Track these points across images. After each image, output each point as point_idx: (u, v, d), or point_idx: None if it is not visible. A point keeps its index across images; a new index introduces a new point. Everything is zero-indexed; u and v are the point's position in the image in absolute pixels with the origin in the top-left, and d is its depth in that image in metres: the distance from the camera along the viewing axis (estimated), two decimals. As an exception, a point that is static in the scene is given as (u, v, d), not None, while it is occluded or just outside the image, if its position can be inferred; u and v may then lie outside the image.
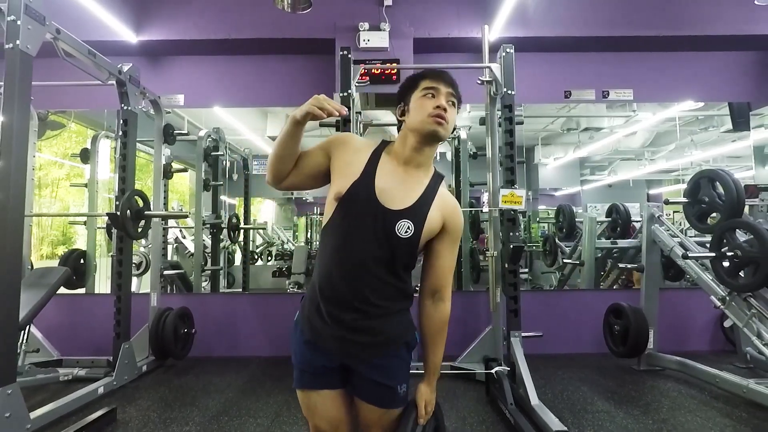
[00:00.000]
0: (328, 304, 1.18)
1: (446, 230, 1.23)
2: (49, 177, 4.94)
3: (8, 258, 2.18)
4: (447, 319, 1.26)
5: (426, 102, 1.19)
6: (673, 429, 2.40)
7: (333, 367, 1.22)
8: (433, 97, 1.20)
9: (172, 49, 4.09)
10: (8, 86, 2.23)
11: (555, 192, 5.03)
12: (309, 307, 1.23)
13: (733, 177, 2.87)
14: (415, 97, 1.22)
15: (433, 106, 1.18)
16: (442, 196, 1.23)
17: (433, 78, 1.22)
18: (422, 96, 1.21)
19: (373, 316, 1.17)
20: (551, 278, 4.76)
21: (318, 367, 1.22)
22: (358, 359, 1.20)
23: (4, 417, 2.12)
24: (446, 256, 1.24)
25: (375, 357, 1.19)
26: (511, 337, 2.90)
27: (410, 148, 1.22)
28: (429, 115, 1.17)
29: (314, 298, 1.22)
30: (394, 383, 1.21)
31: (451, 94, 1.22)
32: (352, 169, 1.19)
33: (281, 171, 1.24)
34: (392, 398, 1.22)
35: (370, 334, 1.18)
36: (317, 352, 1.21)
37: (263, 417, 2.61)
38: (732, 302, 2.79)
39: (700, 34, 3.90)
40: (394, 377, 1.22)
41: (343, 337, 1.17)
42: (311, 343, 1.22)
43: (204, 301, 4.07)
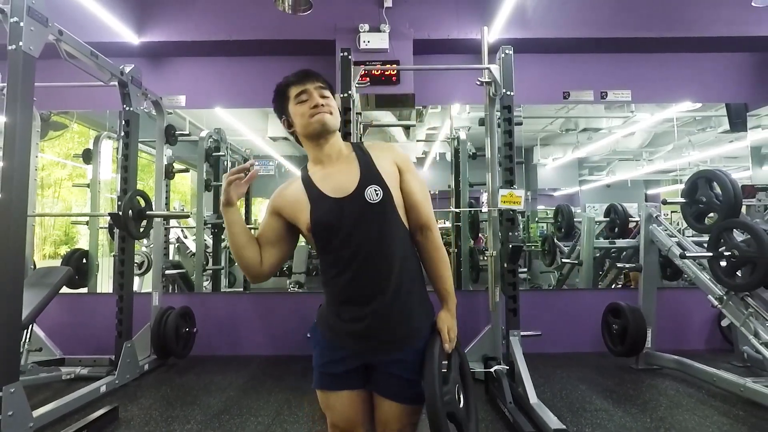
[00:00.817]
0: (347, 304, 1.21)
1: (401, 168, 1.27)
2: (52, 177, 4.93)
3: (11, 257, 2.19)
4: (440, 244, 1.29)
5: (302, 108, 1.25)
6: (670, 427, 2.40)
7: (353, 368, 1.24)
8: (306, 101, 1.25)
9: (174, 50, 4.10)
10: (11, 87, 2.23)
11: (554, 192, 5.04)
12: (328, 311, 1.27)
13: (731, 177, 2.88)
14: (292, 108, 1.28)
15: (309, 107, 1.24)
16: (372, 149, 1.29)
17: (297, 82, 1.27)
18: (297, 104, 1.26)
19: (392, 303, 1.19)
20: (550, 278, 4.77)
21: (339, 369, 1.24)
22: (379, 355, 1.22)
23: (8, 415, 2.13)
24: (416, 190, 1.27)
25: (396, 351, 1.21)
26: (510, 336, 2.91)
27: (318, 150, 1.27)
28: (309, 116, 1.23)
29: (332, 301, 1.26)
30: (416, 377, 1.21)
31: (320, 87, 1.27)
32: (300, 204, 1.23)
33: (254, 261, 1.26)
34: (414, 393, 1.22)
35: (391, 327, 1.20)
36: (338, 354, 1.24)
37: (264, 415, 2.61)
38: (729, 301, 2.80)
39: (698, 35, 3.90)
40: (415, 371, 1.22)
41: (364, 333, 1.20)
42: (331, 345, 1.25)
43: (205, 300, 4.08)
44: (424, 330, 1.26)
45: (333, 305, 1.25)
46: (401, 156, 1.30)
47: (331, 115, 1.25)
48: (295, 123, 1.29)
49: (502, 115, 3.03)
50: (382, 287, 1.19)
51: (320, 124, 1.23)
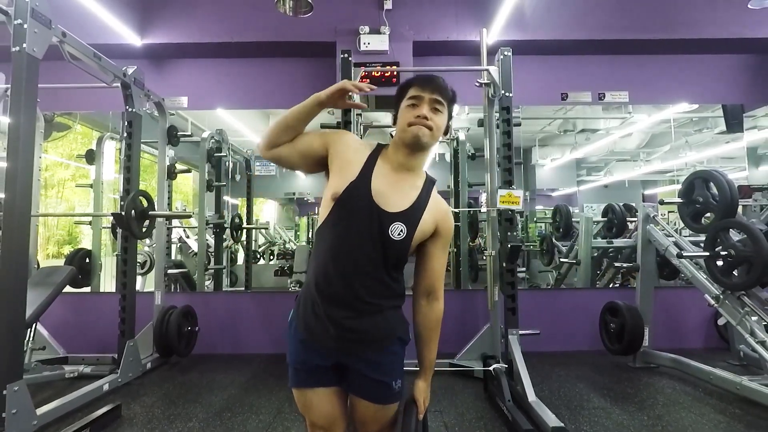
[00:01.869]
0: (323, 302, 1.19)
1: (439, 233, 1.25)
2: (55, 178, 4.93)
3: (15, 257, 2.20)
4: (441, 317, 1.29)
5: (408, 112, 1.21)
6: (667, 425, 2.41)
7: (328, 365, 1.22)
8: (415, 107, 1.20)
9: (176, 52, 4.11)
10: (15, 88, 2.24)
11: (552, 192, 5.05)
12: (304, 306, 1.24)
13: (727, 178, 2.90)
14: (402, 106, 1.24)
15: (413, 116, 1.19)
16: (435, 200, 1.26)
17: (419, 85, 1.22)
18: (407, 106, 1.22)
19: (365, 314, 1.19)
20: (548, 277, 4.78)
21: (313, 365, 1.23)
22: (352, 356, 1.21)
23: (12, 413, 2.14)
24: (439, 258, 1.27)
25: (368, 352, 1.21)
26: (509, 335, 2.92)
27: (401, 154, 1.24)
28: (408, 124, 1.20)
29: (309, 296, 1.23)
30: (388, 379, 1.23)
31: (436, 100, 1.21)
32: (351, 168, 1.20)
33: (278, 139, 1.25)
34: (387, 394, 1.24)
35: (363, 331, 1.19)
36: (312, 351, 1.22)
37: (265, 413, 2.63)
38: (726, 301, 2.82)
39: (695, 37, 3.92)
40: (389, 373, 1.23)
41: (337, 334, 1.18)
42: (306, 341, 1.23)
43: (207, 299, 4.10)
44: (400, 331, 1.26)
45: (312, 294, 1.22)
46: (448, 225, 1.28)
47: (430, 131, 1.20)
48: (398, 121, 1.25)
49: (500, 116, 3.04)
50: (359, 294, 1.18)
51: (414, 137, 1.19)
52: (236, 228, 4.69)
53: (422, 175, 1.28)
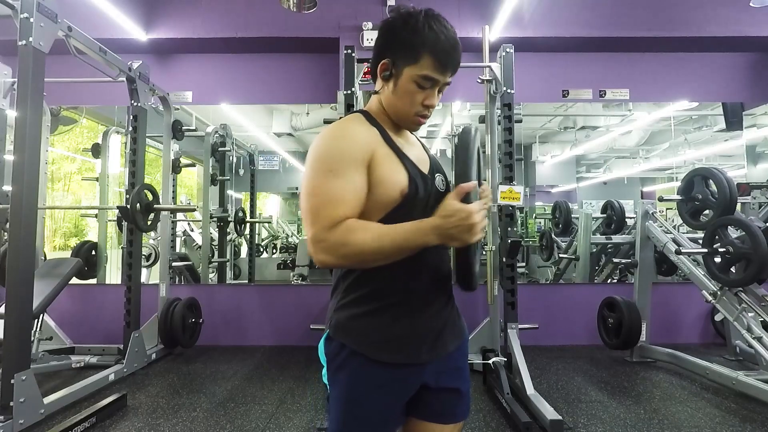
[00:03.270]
0: (414, 304, 0.95)
1: None
2: (62, 171, 4.93)
3: (22, 249, 2.23)
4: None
5: (417, 95, 0.95)
6: (664, 419, 2.42)
7: (409, 397, 0.96)
8: (425, 91, 0.95)
9: (181, 47, 4.12)
10: (22, 82, 2.25)
11: (552, 189, 5.03)
12: (384, 324, 0.93)
13: (726, 175, 2.91)
14: (407, 76, 0.94)
15: (421, 102, 0.96)
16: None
17: (440, 64, 0.92)
18: (415, 83, 0.94)
19: (452, 305, 1.02)
20: (547, 272, 4.77)
21: (400, 403, 0.95)
22: (440, 362, 0.98)
23: (19, 402, 2.18)
24: None
25: (455, 354, 1.00)
26: (508, 329, 2.94)
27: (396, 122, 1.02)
28: (414, 114, 0.98)
29: (388, 308, 0.94)
30: (467, 387, 1.04)
31: (447, 83, 0.98)
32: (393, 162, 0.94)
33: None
34: (466, 406, 1.03)
35: (452, 325, 1.01)
36: (399, 384, 0.93)
37: (268, 404, 2.65)
38: (723, 297, 2.82)
39: (695, 35, 3.91)
40: (467, 379, 1.04)
41: (433, 335, 0.96)
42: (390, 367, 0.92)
43: (211, 291, 4.11)
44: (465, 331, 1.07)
45: (398, 301, 0.94)
46: None
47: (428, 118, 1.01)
48: (395, 90, 0.96)
49: (502, 112, 3.05)
50: (446, 279, 1.00)
51: (413, 127, 1.03)
52: (240, 222, 4.70)
53: None
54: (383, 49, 0.98)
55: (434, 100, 0.97)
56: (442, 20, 0.94)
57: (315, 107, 4.44)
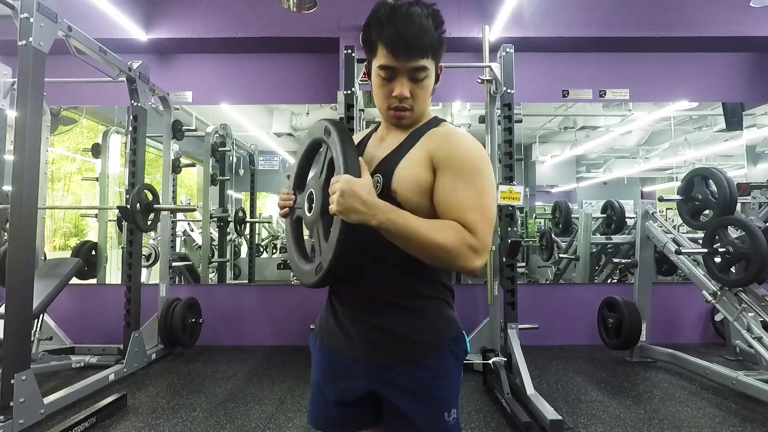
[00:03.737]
0: (341, 304, 0.99)
1: (438, 164, 0.90)
2: (62, 171, 4.92)
3: (22, 249, 2.22)
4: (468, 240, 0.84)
5: (384, 88, 0.93)
6: (664, 419, 2.42)
7: (360, 395, 0.96)
8: (388, 82, 0.92)
9: (181, 46, 4.11)
10: (22, 82, 2.25)
11: (552, 189, 5.01)
12: (323, 311, 1.06)
13: (726, 175, 2.91)
14: (374, 71, 0.94)
15: (390, 94, 0.92)
16: (430, 133, 0.95)
17: (389, 49, 0.88)
18: (378, 76, 0.93)
19: (383, 314, 0.94)
20: (547, 272, 4.76)
21: (339, 392, 0.98)
22: (383, 375, 0.94)
23: (19, 402, 2.18)
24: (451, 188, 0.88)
25: (404, 368, 0.93)
26: (508, 329, 2.94)
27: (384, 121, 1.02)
28: (388, 108, 0.94)
29: (328, 300, 1.04)
30: (433, 408, 0.92)
31: (414, 69, 0.90)
32: None
33: None
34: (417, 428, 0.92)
35: (384, 333, 0.94)
36: (338, 367, 0.98)
37: (268, 404, 2.64)
38: (723, 297, 2.82)
39: (696, 35, 3.91)
40: (433, 399, 0.92)
41: (360, 336, 0.95)
42: (329, 350, 1.00)
43: (211, 291, 4.10)
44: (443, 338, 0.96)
45: (329, 305, 1.05)
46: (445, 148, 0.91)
47: (411, 112, 0.94)
48: (372, 89, 0.97)
49: (502, 112, 3.04)
50: (370, 290, 0.95)
51: (396, 122, 0.97)
52: (240, 222, 4.69)
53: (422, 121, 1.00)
54: (364, 49, 0.98)
55: (403, 89, 0.91)
56: (398, 7, 0.89)
57: (315, 107, 4.43)
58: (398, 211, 0.85)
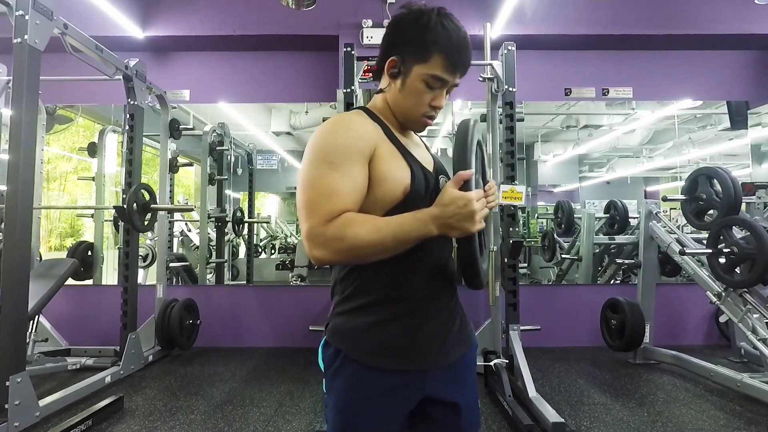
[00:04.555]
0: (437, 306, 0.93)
1: None
2: (58, 170, 4.91)
3: (17, 249, 2.21)
4: None
5: (425, 95, 0.92)
6: (667, 421, 2.41)
7: (410, 408, 0.91)
8: (434, 91, 0.92)
9: (178, 44, 4.10)
10: (17, 81, 2.23)
11: (554, 188, 5.01)
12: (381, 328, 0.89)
13: (731, 175, 2.90)
14: (416, 75, 0.91)
15: (429, 102, 0.93)
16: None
17: (451, 65, 0.90)
18: (424, 83, 0.91)
19: (456, 309, 0.98)
20: (549, 273, 4.75)
21: (400, 414, 0.90)
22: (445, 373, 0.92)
23: (14, 404, 2.16)
24: None
25: (461, 364, 0.95)
26: (510, 331, 2.92)
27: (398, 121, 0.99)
28: (421, 115, 0.95)
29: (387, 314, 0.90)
30: (470, 400, 0.96)
31: (456, 85, 0.96)
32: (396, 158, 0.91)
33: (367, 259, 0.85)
34: (472, 420, 0.96)
35: (457, 330, 0.96)
36: (399, 391, 0.88)
37: (266, 406, 2.63)
38: (728, 298, 2.80)
39: (700, 33, 3.90)
40: (472, 391, 0.98)
41: (438, 337, 0.91)
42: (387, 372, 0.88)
43: (209, 292, 4.10)
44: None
45: (396, 299, 0.90)
46: None
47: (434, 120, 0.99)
48: (403, 88, 0.93)
49: (503, 111, 3.03)
50: (449, 280, 0.96)
51: (419, 128, 0.99)
52: (238, 222, 4.68)
53: None
54: (392, 45, 0.94)
55: (442, 101, 0.94)
56: (455, 19, 0.91)
57: (314, 106, 4.42)
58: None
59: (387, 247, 0.80)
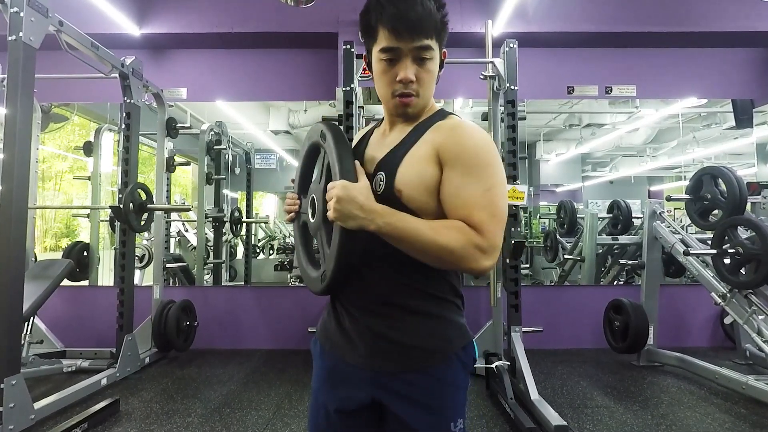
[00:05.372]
0: (345, 308, 0.96)
1: (445, 159, 0.86)
2: (53, 170, 4.94)
3: (12, 250, 2.21)
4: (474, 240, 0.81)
5: (387, 74, 0.90)
6: (672, 424, 2.41)
7: (362, 405, 0.92)
8: (393, 64, 0.89)
9: (175, 42, 4.09)
10: (11, 78, 2.23)
11: (556, 188, 5.01)
12: (325, 315, 1.05)
13: (736, 174, 2.90)
14: (375, 57, 0.91)
15: (394, 79, 0.89)
16: (436, 127, 0.91)
17: (391, 29, 0.86)
18: (381, 61, 0.89)
19: (391, 318, 0.91)
20: (552, 274, 4.75)
21: (340, 401, 0.94)
22: (386, 384, 0.91)
23: (9, 407, 2.16)
24: (458, 184, 0.84)
25: (407, 375, 0.90)
26: (512, 332, 2.90)
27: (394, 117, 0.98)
28: (392, 94, 0.91)
29: (330, 304, 1.02)
30: (439, 418, 0.89)
31: (419, 48, 0.87)
32: None
33: None
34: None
35: (390, 341, 0.90)
36: (340, 374, 0.95)
37: (265, 409, 2.62)
38: (733, 299, 2.80)
39: (705, 30, 3.88)
40: (439, 408, 0.89)
41: (365, 343, 0.92)
42: (330, 356, 0.98)
43: (206, 293, 4.08)
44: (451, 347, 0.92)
45: (330, 307, 1.04)
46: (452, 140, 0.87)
47: (417, 98, 0.91)
48: (374, 78, 0.94)
49: (505, 109, 3.02)
50: (377, 294, 0.92)
51: (402, 112, 0.94)
52: (236, 222, 4.67)
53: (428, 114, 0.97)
54: (361, 36, 0.96)
55: (408, 72, 0.88)
56: None
57: (313, 104, 4.41)
58: (398, 214, 0.83)
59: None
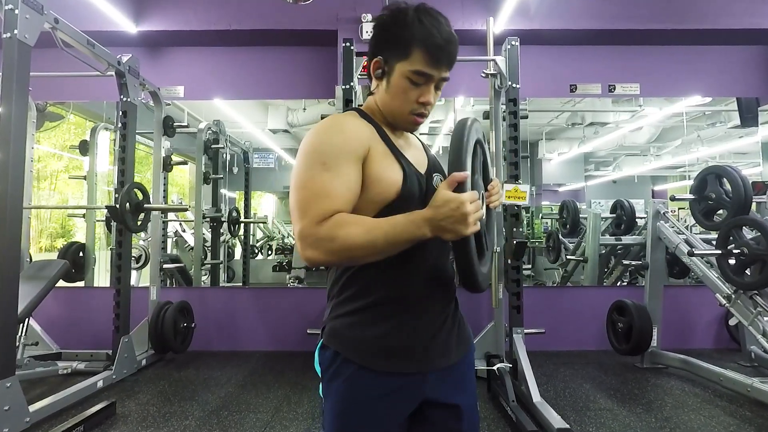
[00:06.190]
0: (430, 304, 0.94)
1: None
2: (48, 169, 4.96)
3: (7, 250, 2.22)
4: None
5: (411, 92, 0.92)
6: (676, 427, 2.39)
7: (410, 411, 0.91)
8: (419, 88, 0.92)
9: (173, 39, 4.07)
10: (6, 77, 2.22)
11: (559, 188, 5.03)
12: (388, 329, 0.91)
13: (741, 173, 2.89)
14: (399, 72, 0.92)
15: (416, 100, 0.93)
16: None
17: (433, 59, 0.89)
18: (408, 80, 0.91)
19: (454, 311, 0.99)
20: (554, 275, 4.75)
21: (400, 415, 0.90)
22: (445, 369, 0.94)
23: (3, 410, 2.17)
24: None
25: (460, 366, 0.97)
26: (513, 334, 2.90)
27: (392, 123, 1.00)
28: (409, 113, 0.95)
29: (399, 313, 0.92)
30: (469, 401, 0.98)
31: (444, 78, 0.94)
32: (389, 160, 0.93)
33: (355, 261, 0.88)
34: (471, 423, 0.97)
35: (455, 332, 0.98)
36: (396, 394, 0.89)
37: (263, 412, 2.62)
38: (737, 300, 2.79)
39: (709, 27, 3.86)
40: (472, 393, 1.00)
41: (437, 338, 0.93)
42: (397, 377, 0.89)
43: (204, 294, 4.08)
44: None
45: (394, 300, 0.91)
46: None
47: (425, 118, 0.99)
48: (388, 87, 0.94)
49: (507, 108, 3.02)
50: (447, 282, 0.97)
51: (411, 128, 1.00)
52: (234, 222, 4.67)
53: None
54: (375, 47, 0.96)
55: (430, 96, 0.93)
56: (434, 13, 0.92)
57: (312, 103, 4.41)
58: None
59: (378, 249, 0.81)
